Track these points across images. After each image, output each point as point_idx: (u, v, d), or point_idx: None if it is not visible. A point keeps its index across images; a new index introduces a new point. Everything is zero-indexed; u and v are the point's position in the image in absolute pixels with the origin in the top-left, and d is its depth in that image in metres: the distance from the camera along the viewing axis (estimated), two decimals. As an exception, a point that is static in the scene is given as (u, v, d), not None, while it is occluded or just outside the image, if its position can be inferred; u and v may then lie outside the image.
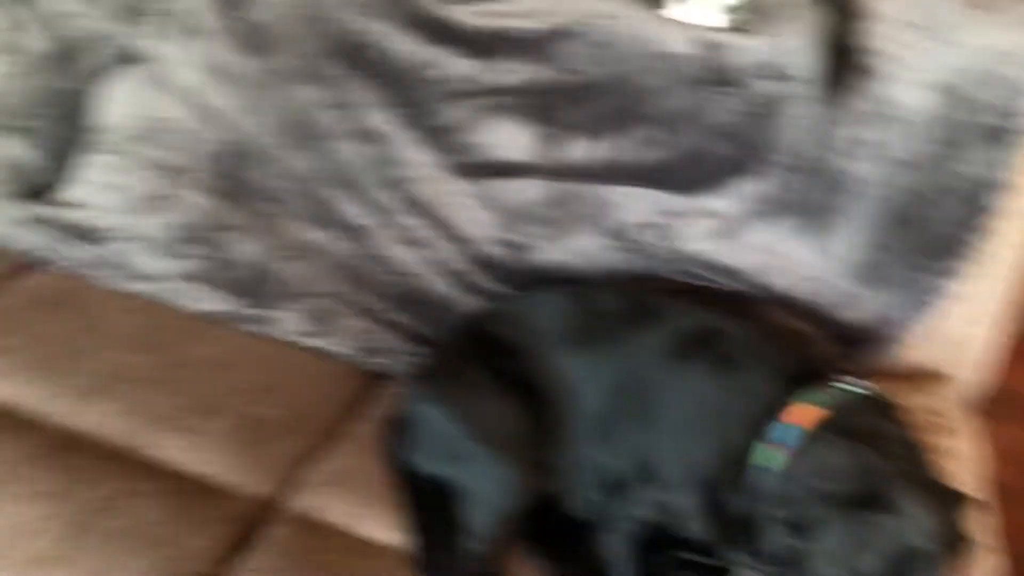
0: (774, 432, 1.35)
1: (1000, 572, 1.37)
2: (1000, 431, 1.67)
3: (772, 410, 1.37)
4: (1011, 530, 1.41)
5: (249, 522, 1.58)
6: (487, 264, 1.83)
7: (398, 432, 1.63)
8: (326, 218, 1.87)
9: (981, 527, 1.37)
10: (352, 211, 1.85)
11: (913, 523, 1.21)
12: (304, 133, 1.83)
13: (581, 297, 1.63)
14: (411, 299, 1.85)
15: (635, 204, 1.74)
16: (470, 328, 1.69)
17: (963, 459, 1.52)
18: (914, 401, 1.61)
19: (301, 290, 1.87)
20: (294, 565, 1.48)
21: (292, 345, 1.88)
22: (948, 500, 1.29)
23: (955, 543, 1.27)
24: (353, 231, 1.86)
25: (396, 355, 1.83)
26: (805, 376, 1.41)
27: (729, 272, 1.72)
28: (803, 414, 1.36)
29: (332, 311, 1.85)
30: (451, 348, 1.67)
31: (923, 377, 1.71)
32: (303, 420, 1.75)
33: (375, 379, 1.89)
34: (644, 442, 1.47)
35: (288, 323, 1.87)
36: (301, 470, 1.67)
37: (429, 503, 1.55)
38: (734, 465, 1.37)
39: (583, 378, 1.54)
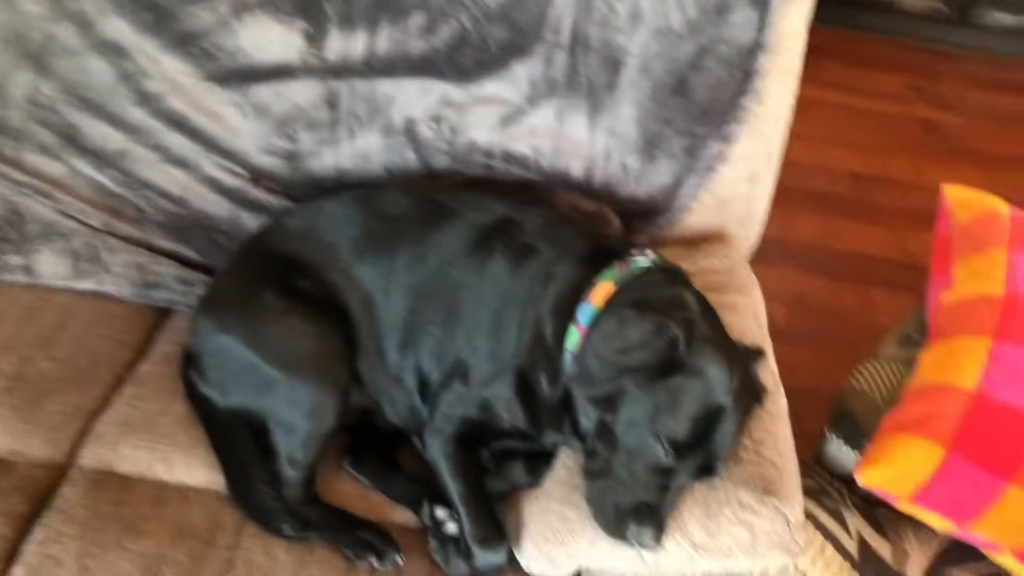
0: (580, 314, 1.35)
1: (785, 409, 1.47)
2: (767, 275, 1.76)
3: (578, 293, 1.37)
4: (783, 367, 1.51)
5: (39, 488, 1.45)
6: (261, 177, 1.71)
7: (193, 368, 1.52)
8: (76, 147, 1.68)
9: (767, 373, 1.45)
10: (104, 135, 1.67)
11: (711, 382, 1.26)
12: (37, 51, 1.61)
13: (367, 202, 1.56)
14: (184, 225, 1.72)
15: (417, 98, 1.67)
16: (254, 248, 1.59)
17: (748, 312, 1.60)
18: (702, 264, 1.67)
19: (59, 229, 1.70)
20: (95, 525, 1.38)
21: (64, 291, 1.72)
22: (740, 355, 1.35)
23: (751, 395, 1.34)
24: (108, 158, 1.68)
25: (178, 287, 1.71)
26: (605, 256, 1.42)
27: (517, 159, 1.70)
28: (599, 293, 1.37)
29: (96, 248, 1.69)
30: (237, 272, 1.57)
31: (708, 239, 1.78)
32: (88, 370, 1.62)
33: (161, 316, 1.76)
34: (452, 342, 1.44)
35: (51, 266, 1.70)
36: (91, 423, 1.54)
37: (236, 437, 1.47)
38: (547, 352, 1.37)
39: (381, 287, 1.49)
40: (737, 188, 1.73)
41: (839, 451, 1.67)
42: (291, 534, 1.39)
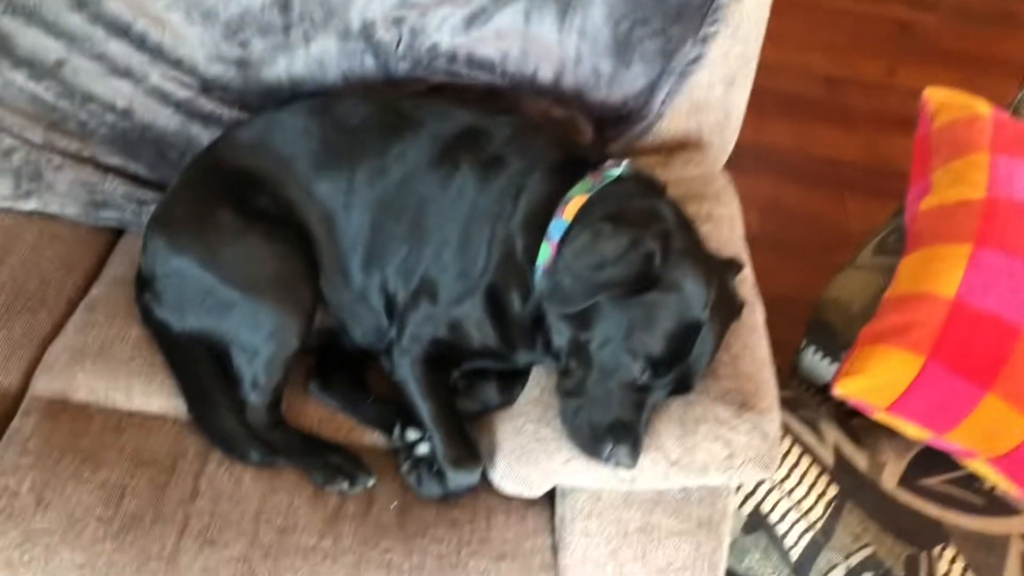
0: (552, 229, 1.29)
1: (762, 321, 1.44)
2: (739, 182, 1.71)
3: (550, 207, 1.31)
4: (760, 274, 1.47)
5: (-11, 421, 1.40)
6: (212, 87, 1.60)
7: (147, 291, 1.45)
8: (9, 56, 1.57)
9: (745, 285, 1.41)
10: (38, 44, 1.56)
11: (688, 297, 1.21)
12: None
13: (324, 111, 1.46)
14: (133, 139, 1.62)
15: (375, -2, 1.56)
16: (207, 163, 1.50)
17: (725, 222, 1.55)
18: (677, 173, 1.61)
19: (-3, 146, 1.60)
20: (52, 455, 1.32)
21: (7, 212, 1.62)
22: (718, 268, 1.30)
23: (729, 309, 1.30)
24: (45, 68, 1.57)
25: (128, 206, 1.62)
26: (577, 166, 1.35)
27: (483, 64, 1.60)
28: (571, 207, 1.31)
29: (38, 165, 1.59)
30: (188, 189, 1.48)
31: (683, 147, 1.71)
32: (36, 295, 1.54)
33: (112, 237, 1.68)
34: (419, 260, 1.38)
35: (-9, 187, 1.61)
36: (42, 351, 1.47)
37: (196, 362, 1.42)
38: (518, 269, 1.31)
39: (341, 202, 1.42)
40: (713, 92, 1.66)
41: (815, 361, 1.66)
42: (258, 460, 1.35)
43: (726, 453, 1.23)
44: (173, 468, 1.34)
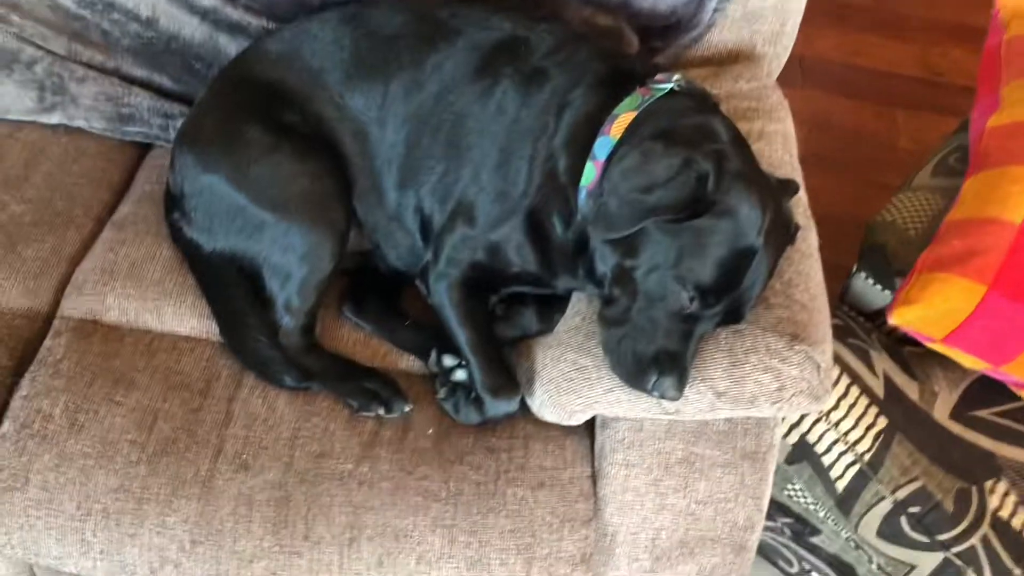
0: (598, 148, 1.22)
1: (816, 247, 1.37)
2: (797, 96, 1.61)
3: (596, 124, 1.23)
4: (817, 194, 1.39)
5: (21, 340, 1.38)
6: (239, -6, 1.53)
7: (177, 209, 1.41)
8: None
9: (799, 207, 1.34)
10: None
11: (742, 223, 1.14)
12: None
13: (356, 20, 1.38)
14: (158, 50, 1.56)
15: None
16: (235, 76, 1.43)
17: (778, 140, 1.47)
18: (728, 87, 1.52)
19: (19, 57, 1.54)
20: (84, 378, 1.31)
21: (32, 126, 1.58)
22: (773, 191, 1.23)
23: (783, 235, 1.23)
24: (66, -26, 1.51)
25: (155, 120, 1.57)
26: (624, 80, 1.27)
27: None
28: (619, 125, 1.23)
29: (62, 78, 1.54)
30: (217, 103, 1.42)
31: (734, 60, 1.62)
32: (64, 212, 1.51)
33: (140, 152, 1.63)
34: (456, 180, 1.32)
35: (14, 99, 1.56)
36: (72, 270, 1.44)
37: (227, 283, 1.38)
38: (561, 191, 1.25)
39: (375, 118, 1.35)
40: (768, 0, 1.55)
41: (866, 287, 1.59)
42: (292, 384, 1.32)
43: (776, 385, 1.18)
44: (206, 392, 1.31)
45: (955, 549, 1.35)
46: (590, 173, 1.23)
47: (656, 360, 1.15)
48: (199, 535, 1.21)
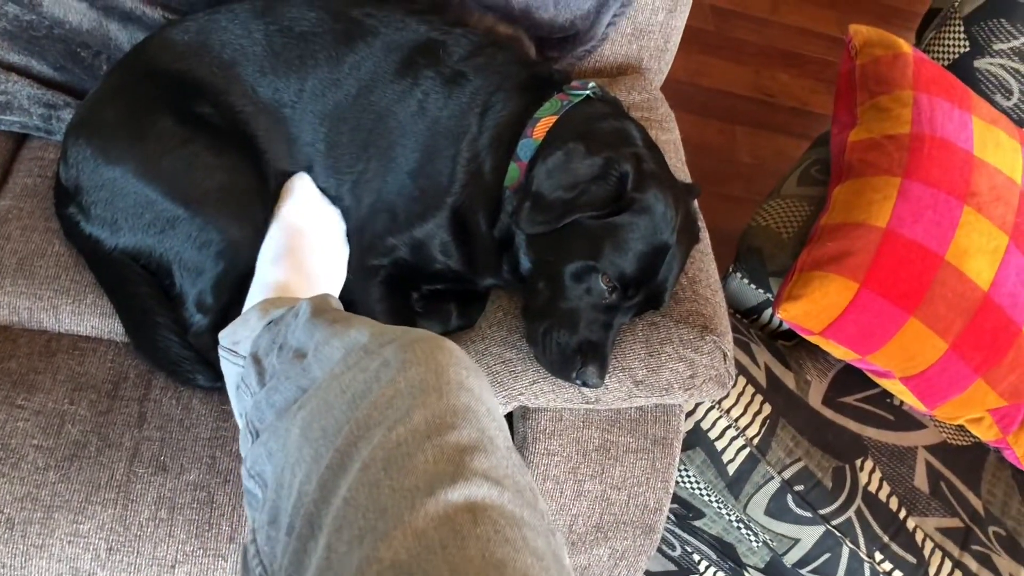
0: (520, 149, 1.27)
1: (710, 246, 1.47)
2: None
3: (518, 127, 1.28)
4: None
5: None
6: (140, -20, 1.47)
7: (73, 204, 1.34)
8: None
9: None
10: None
11: (658, 220, 1.22)
12: None
13: (268, 15, 1.36)
14: (38, 35, 1.46)
15: None
16: (138, 66, 1.37)
17: (671, 148, 1.57)
18: (623, 98, 1.60)
19: None
20: (-26, 382, 1.21)
21: None
22: (682, 192, 1.32)
23: (692, 233, 1.32)
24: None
25: (36, 110, 1.46)
26: (542, 85, 1.32)
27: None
28: (540, 127, 1.28)
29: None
30: (120, 94, 1.35)
31: (624, 72, 1.71)
32: (-70, 206, 1.39)
33: (16, 144, 1.52)
34: (377, 178, 1.32)
35: None
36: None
37: (131, 280, 1.32)
38: (485, 190, 1.28)
39: (292, 114, 1.34)
40: (656, 17, 1.66)
41: (742, 287, 1.72)
42: (205, 384, 1.28)
43: (689, 373, 1.27)
44: (114, 394, 1.25)
45: (834, 522, 1.48)
46: (514, 173, 1.27)
47: (580, 350, 1.21)
48: (116, 542, 1.15)
